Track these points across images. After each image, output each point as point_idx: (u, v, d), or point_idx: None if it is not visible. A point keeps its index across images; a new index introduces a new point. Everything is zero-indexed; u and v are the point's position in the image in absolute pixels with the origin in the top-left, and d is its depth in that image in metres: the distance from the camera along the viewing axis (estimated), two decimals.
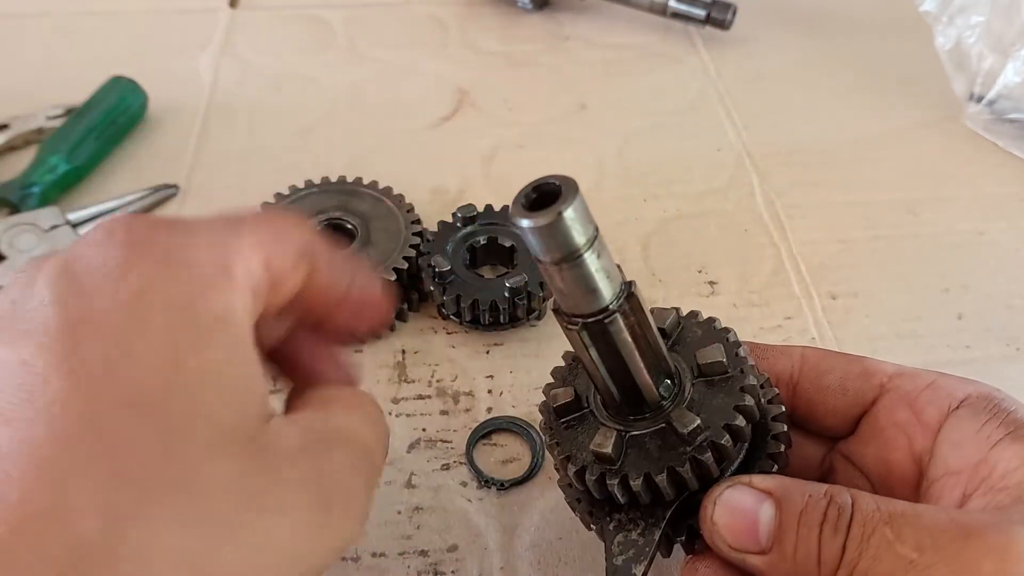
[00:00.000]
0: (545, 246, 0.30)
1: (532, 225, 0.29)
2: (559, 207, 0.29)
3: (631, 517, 0.35)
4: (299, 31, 0.84)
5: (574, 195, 0.29)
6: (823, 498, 0.32)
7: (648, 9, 0.83)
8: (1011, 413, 0.34)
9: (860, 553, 0.30)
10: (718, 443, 0.34)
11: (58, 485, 0.24)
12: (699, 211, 0.66)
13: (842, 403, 0.39)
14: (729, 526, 0.33)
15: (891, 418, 0.37)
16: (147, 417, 0.26)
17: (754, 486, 0.33)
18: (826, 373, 0.40)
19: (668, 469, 0.34)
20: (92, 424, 0.25)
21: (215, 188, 0.66)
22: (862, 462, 0.39)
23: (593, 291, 0.31)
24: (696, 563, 0.36)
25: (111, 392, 0.26)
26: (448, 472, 0.49)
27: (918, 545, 0.29)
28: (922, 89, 0.76)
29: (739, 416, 0.34)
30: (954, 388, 0.36)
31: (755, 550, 0.32)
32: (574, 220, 0.29)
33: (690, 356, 0.37)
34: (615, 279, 0.32)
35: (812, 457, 0.41)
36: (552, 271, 0.31)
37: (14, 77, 0.76)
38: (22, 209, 0.60)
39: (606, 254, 0.31)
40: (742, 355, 0.36)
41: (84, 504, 0.24)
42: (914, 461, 0.37)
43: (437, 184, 0.67)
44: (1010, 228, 0.64)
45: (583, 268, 0.30)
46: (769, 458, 0.36)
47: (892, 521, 0.30)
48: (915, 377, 0.38)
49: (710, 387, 0.36)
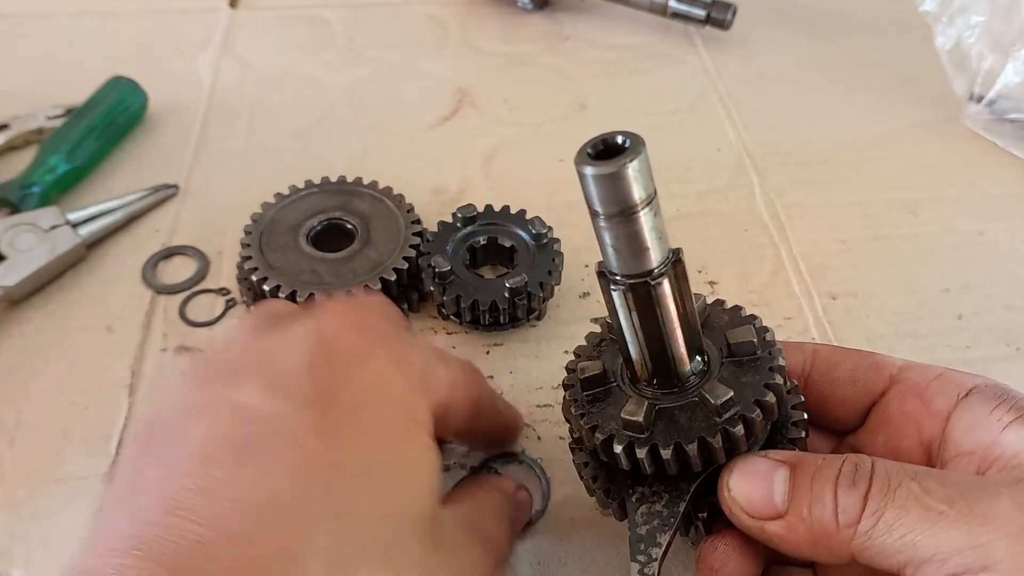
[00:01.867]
0: (605, 197, 0.30)
1: (596, 173, 0.29)
2: (625, 159, 0.29)
3: (655, 490, 0.36)
4: (299, 31, 0.84)
5: (641, 150, 0.30)
6: (837, 458, 0.33)
7: (648, 9, 0.83)
8: (1019, 400, 0.35)
9: (886, 503, 0.30)
10: (748, 416, 0.34)
11: (295, 530, 0.28)
12: (699, 211, 0.66)
13: (852, 394, 0.40)
14: (745, 493, 0.34)
15: (900, 407, 0.38)
16: (372, 488, 0.30)
17: (769, 456, 0.34)
18: (837, 366, 0.40)
19: (699, 439, 0.34)
20: (333, 485, 0.29)
21: (215, 188, 0.66)
22: (872, 451, 0.39)
23: (644, 251, 0.32)
24: (716, 541, 0.36)
25: (350, 461, 0.30)
26: (448, 472, 0.49)
27: (947, 498, 0.29)
28: (922, 89, 0.76)
29: (769, 393, 0.35)
30: (962, 379, 0.37)
31: (771, 515, 0.33)
32: (638, 174, 0.30)
33: (719, 338, 0.37)
34: (665, 242, 0.32)
35: (822, 451, 0.42)
36: (606, 225, 0.31)
37: (14, 77, 0.76)
38: (22, 209, 0.60)
39: (661, 216, 0.31)
40: (770, 339, 0.37)
41: (313, 551, 0.28)
42: (923, 449, 0.37)
43: (437, 184, 0.67)
44: (1010, 228, 0.64)
45: (638, 225, 0.31)
46: (789, 442, 0.37)
47: (918, 477, 0.31)
48: (924, 369, 0.39)
49: (739, 367, 0.36)
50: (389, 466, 0.31)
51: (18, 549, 0.45)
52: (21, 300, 0.57)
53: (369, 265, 0.55)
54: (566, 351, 0.53)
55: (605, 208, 0.30)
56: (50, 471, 0.48)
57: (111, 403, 0.51)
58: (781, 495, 0.33)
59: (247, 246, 0.56)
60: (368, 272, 0.55)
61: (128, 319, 0.56)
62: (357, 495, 0.30)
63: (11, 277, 0.56)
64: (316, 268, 0.55)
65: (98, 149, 0.67)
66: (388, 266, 0.55)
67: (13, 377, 0.53)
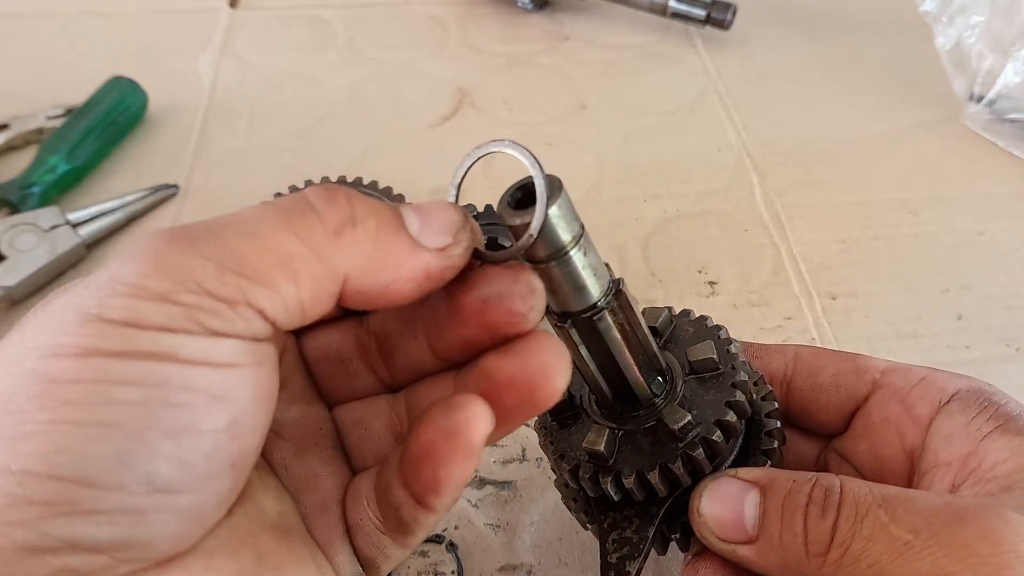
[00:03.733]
0: (534, 245, 0.30)
1: (518, 223, 0.29)
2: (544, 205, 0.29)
3: (625, 515, 0.36)
4: (299, 31, 0.84)
5: (558, 193, 0.29)
6: (808, 482, 0.32)
7: (648, 9, 0.83)
8: (1001, 407, 0.34)
9: (853, 534, 0.30)
10: (709, 439, 0.34)
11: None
12: (699, 211, 0.66)
13: (835, 400, 0.39)
14: (716, 517, 0.33)
15: (883, 414, 0.38)
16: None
17: (740, 477, 0.34)
18: (819, 371, 0.40)
19: (660, 466, 0.34)
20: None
21: (215, 188, 0.66)
22: (856, 458, 0.39)
23: (580, 288, 0.31)
24: (696, 564, 0.36)
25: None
26: None
27: (913, 527, 0.29)
28: (922, 89, 0.76)
29: (730, 412, 0.34)
30: (945, 383, 0.37)
31: (743, 539, 0.32)
32: (559, 218, 0.29)
33: (682, 354, 0.37)
34: (603, 277, 0.32)
35: (807, 455, 0.42)
36: (539, 270, 0.30)
37: (14, 77, 0.76)
38: (22, 209, 0.60)
39: (593, 252, 0.31)
40: (733, 351, 0.37)
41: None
42: (906, 456, 0.37)
43: (437, 184, 0.67)
44: (1010, 228, 0.64)
45: (570, 265, 0.30)
46: (763, 454, 0.36)
47: (886, 504, 0.30)
48: (906, 373, 0.38)
49: (702, 384, 0.36)
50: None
51: None
52: (21, 300, 0.57)
53: None
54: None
55: (533, 255, 0.30)
56: None
57: None
58: (752, 520, 0.32)
59: None
60: None
61: None
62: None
63: (11, 277, 0.56)
64: None
65: (98, 149, 0.67)
66: None
67: None
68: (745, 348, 0.41)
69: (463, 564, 0.45)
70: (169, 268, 0.24)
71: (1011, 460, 0.32)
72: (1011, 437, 0.33)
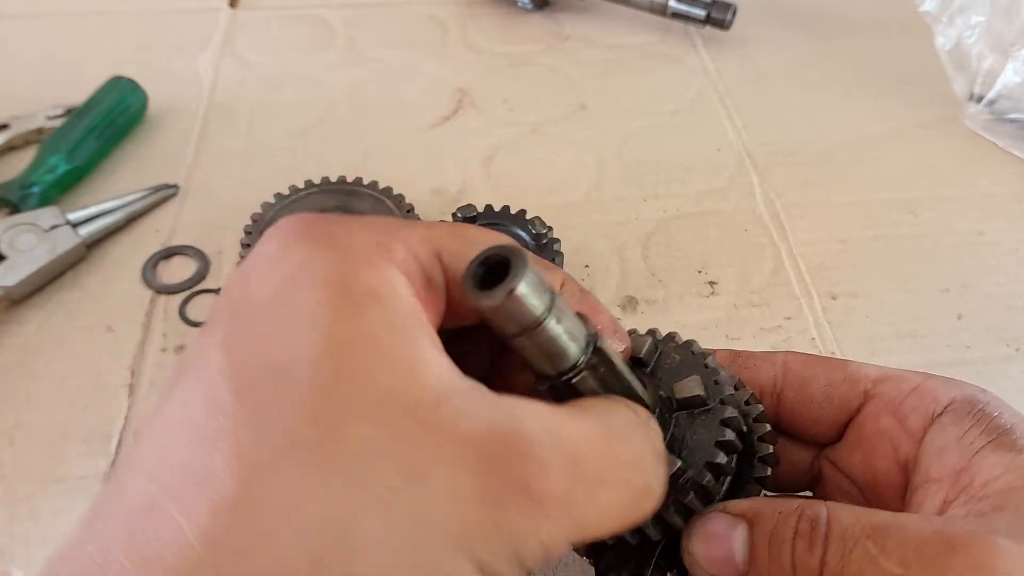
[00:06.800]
0: (502, 323, 0.29)
1: (485, 305, 0.28)
2: (509, 284, 0.27)
3: (620, 556, 0.35)
4: (299, 31, 0.84)
5: (523, 268, 0.27)
6: (793, 513, 0.31)
7: (648, 9, 0.83)
8: (995, 419, 0.34)
9: (842, 568, 0.29)
10: (701, 483, 0.33)
11: (206, 448, 0.24)
12: (699, 211, 0.66)
13: (827, 412, 0.39)
14: (706, 556, 0.33)
15: (876, 426, 0.37)
16: (292, 382, 0.25)
17: (728, 511, 0.33)
18: (810, 381, 0.39)
19: (655, 514, 0.33)
20: (241, 393, 0.25)
21: (215, 188, 0.66)
22: (849, 469, 0.39)
23: (557, 354, 0.30)
24: None
25: (259, 362, 0.25)
26: None
27: (903, 560, 0.29)
28: (922, 89, 0.76)
29: (720, 452, 0.33)
30: (938, 392, 0.36)
31: (735, 575, 0.32)
32: (527, 295, 0.28)
33: (668, 386, 0.36)
34: (579, 337, 0.31)
35: (800, 463, 0.41)
36: (514, 343, 0.29)
37: (14, 77, 0.76)
38: (22, 209, 0.60)
39: (567, 315, 0.30)
40: (721, 382, 0.35)
41: (226, 466, 0.24)
42: (900, 469, 0.36)
43: (437, 184, 0.67)
44: (1010, 228, 0.64)
45: (544, 335, 0.29)
46: (756, 482, 0.36)
47: (874, 534, 0.30)
48: (899, 381, 0.37)
49: (691, 419, 0.35)
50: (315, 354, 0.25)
51: (18, 549, 0.45)
52: (21, 300, 0.57)
53: None
54: None
55: (506, 330, 0.29)
56: (50, 471, 0.48)
57: (111, 403, 0.51)
58: (741, 556, 0.32)
59: (247, 246, 0.56)
60: None
61: (128, 319, 0.56)
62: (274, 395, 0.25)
63: (11, 277, 0.56)
64: None
65: (98, 149, 0.67)
66: None
67: (13, 377, 0.53)
68: (733, 358, 0.40)
69: None
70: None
71: (1003, 478, 0.32)
72: (1004, 452, 0.33)
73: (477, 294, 0.28)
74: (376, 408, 0.25)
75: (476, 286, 0.28)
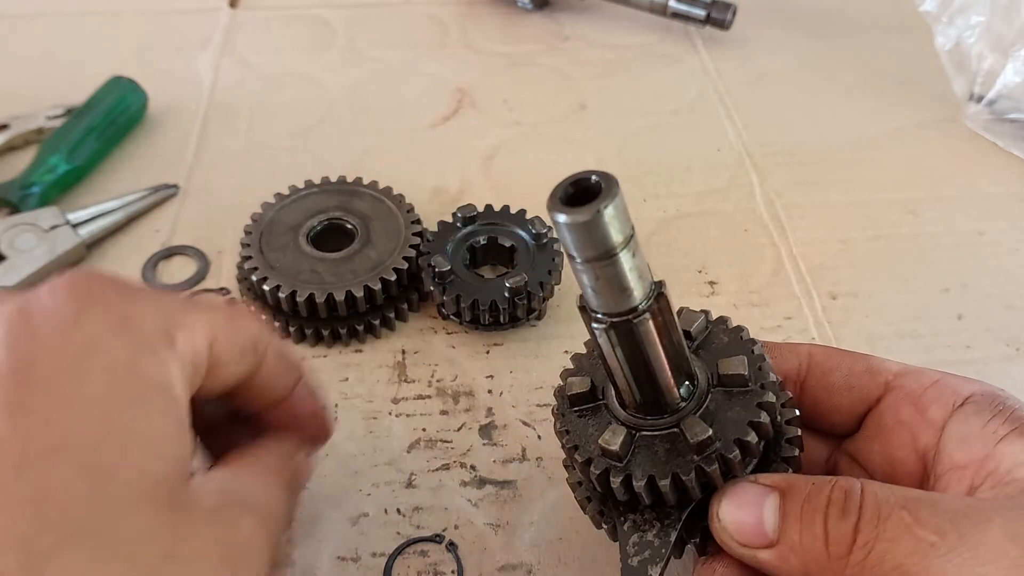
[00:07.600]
0: (580, 243, 0.29)
1: (569, 221, 0.28)
2: (599, 204, 0.28)
3: (646, 518, 0.35)
4: (299, 31, 0.84)
5: (615, 192, 0.28)
6: (827, 484, 0.32)
7: (648, 9, 0.83)
8: (1016, 410, 0.34)
9: (876, 535, 0.30)
10: (727, 456, 0.33)
11: None
12: (699, 211, 0.66)
13: (847, 400, 0.39)
14: (735, 522, 0.33)
15: (896, 416, 0.38)
16: (76, 466, 0.27)
17: (759, 482, 0.34)
18: (832, 371, 0.40)
19: (672, 475, 0.33)
20: (23, 468, 0.27)
21: (215, 188, 0.66)
22: (867, 460, 0.39)
23: (625, 291, 0.30)
24: (713, 563, 0.36)
25: (45, 439, 0.27)
26: (448, 472, 0.49)
27: (938, 529, 0.29)
28: (922, 89, 0.76)
29: (752, 432, 0.34)
30: (959, 386, 0.37)
31: (763, 544, 0.32)
32: (613, 218, 0.28)
33: (713, 363, 0.36)
34: (646, 278, 0.31)
35: (817, 456, 0.41)
36: (584, 269, 0.30)
37: (14, 77, 0.76)
38: (22, 209, 0.60)
39: (640, 253, 0.30)
40: (764, 369, 0.36)
41: (5, 543, 0.25)
42: (919, 458, 0.37)
43: (437, 184, 0.67)
44: (1010, 228, 0.64)
45: (617, 267, 0.29)
46: (783, 462, 0.36)
47: (909, 505, 0.30)
48: (920, 375, 0.38)
49: (728, 397, 0.35)
50: (99, 439, 0.28)
51: None
52: None
53: (369, 265, 0.55)
54: (566, 351, 0.53)
55: (582, 254, 0.29)
56: None
57: None
58: (772, 524, 0.32)
59: (247, 246, 0.56)
60: (368, 272, 0.55)
61: None
62: (57, 476, 0.27)
63: (11, 277, 0.56)
64: (316, 268, 0.55)
65: (98, 149, 0.67)
66: (388, 266, 0.55)
67: None
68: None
69: (463, 564, 0.45)
70: None
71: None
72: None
73: (564, 210, 0.28)
74: (148, 499, 0.28)
75: (563, 202, 0.28)
